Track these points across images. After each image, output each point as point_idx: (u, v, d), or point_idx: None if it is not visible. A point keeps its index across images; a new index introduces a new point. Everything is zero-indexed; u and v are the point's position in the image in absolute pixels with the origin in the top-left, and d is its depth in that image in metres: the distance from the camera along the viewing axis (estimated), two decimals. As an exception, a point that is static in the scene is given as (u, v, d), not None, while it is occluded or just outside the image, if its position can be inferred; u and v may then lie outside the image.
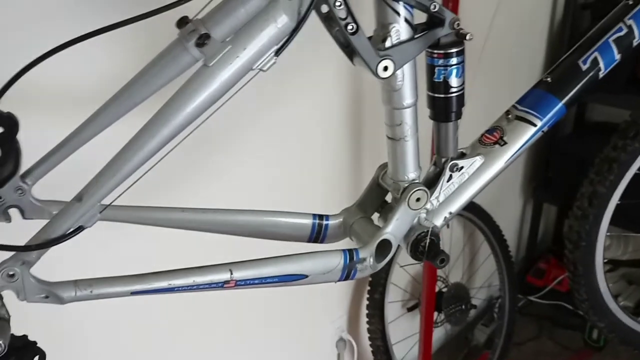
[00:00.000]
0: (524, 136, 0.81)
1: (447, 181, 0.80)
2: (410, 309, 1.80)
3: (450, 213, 0.81)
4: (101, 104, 0.68)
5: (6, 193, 0.65)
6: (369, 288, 1.59)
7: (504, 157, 0.81)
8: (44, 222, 0.64)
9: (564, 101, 0.81)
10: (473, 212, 1.76)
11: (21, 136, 0.65)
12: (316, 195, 1.35)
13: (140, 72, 0.68)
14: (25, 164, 0.67)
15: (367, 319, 1.61)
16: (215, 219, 0.76)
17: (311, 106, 1.26)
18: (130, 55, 0.87)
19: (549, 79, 0.82)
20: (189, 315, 1.21)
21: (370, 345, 1.63)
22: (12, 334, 0.59)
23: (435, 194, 0.79)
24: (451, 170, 0.79)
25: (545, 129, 0.81)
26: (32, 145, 0.67)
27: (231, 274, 0.66)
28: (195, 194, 1.10)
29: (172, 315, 1.17)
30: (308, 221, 0.80)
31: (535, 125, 0.81)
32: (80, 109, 0.70)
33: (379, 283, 1.57)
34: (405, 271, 1.70)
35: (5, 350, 0.56)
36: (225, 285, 0.67)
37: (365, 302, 1.60)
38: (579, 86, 0.81)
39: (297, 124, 1.25)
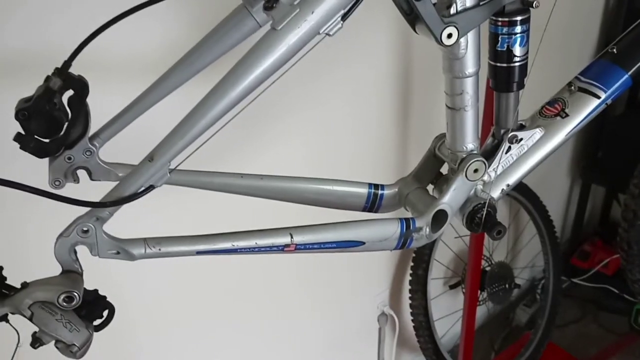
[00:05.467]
0: (587, 108, 0.79)
1: (506, 153, 0.79)
2: (452, 287, 1.79)
3: (508, 185, 0.80)
4: (165, 70, 0.70)
5: (75, 154, 0.68)
6: (412, 264, 1.59)
7: (565, 130, 0.79)
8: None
9: (630, 72, 0.79)
10: (519, 191, 1.74)
11: (90, 99, 0.67)
12: (365, 165, 1.35)
13: (203, 39, 0.69)
14: (93, 127, 0.69)
15: (409, 295, 1.61)
16: (273, 185, 0.77)
17: (361, 76, 1.25)
18: (194, 22, 0.89)
19: (614, 50, 0.80)
20: (232, 284, 1.23)
21: (412, 320, 1.63)
22: (85, 288, 0.62)
23: (493, 165, 0.78)
24: (510, 141, 0.79)
25: (609, 101, 0.79)
26: (99, 108, 0.69)
27: (291, 237, 0.68)
28: (252, 161, 1.11)
29: (215, 283, 1.20)
30: (364, 190, 0.80)
31: (598, 97, 0.79)
32: (145, 74, 0.72)
33: (422, 259, 1.57)
34: (448, 248, 1.69)
35: (79, 303, 0.59)
36: (285, 249, 0.68)
37: (408, 278, 1.61)
38: (647, 57, 0.78)
39: (349, 93, 1.25)
